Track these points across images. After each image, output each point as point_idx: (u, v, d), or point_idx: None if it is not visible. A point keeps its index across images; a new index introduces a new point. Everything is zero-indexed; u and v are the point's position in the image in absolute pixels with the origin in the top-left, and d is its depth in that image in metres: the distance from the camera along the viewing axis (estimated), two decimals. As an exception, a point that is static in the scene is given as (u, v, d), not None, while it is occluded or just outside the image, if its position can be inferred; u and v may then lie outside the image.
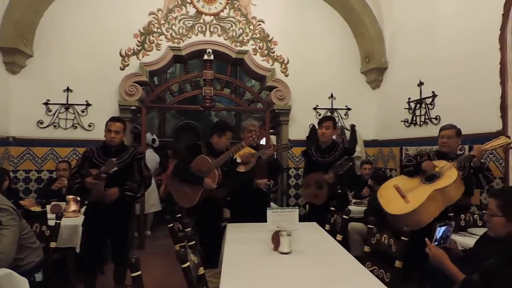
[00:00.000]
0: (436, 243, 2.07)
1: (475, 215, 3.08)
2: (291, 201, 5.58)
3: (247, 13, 5.57)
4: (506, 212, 1.85)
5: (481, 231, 2.48)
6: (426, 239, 2.05)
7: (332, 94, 5.68)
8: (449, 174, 2.80)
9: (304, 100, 5.56)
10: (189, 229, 2.64)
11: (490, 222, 1.93)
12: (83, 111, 5.12)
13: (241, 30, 5.56)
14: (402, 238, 2.22)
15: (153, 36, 5.34)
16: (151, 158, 5.85)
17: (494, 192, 2.10)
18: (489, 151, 3.10)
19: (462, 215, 2.99)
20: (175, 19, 5.40)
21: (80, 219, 3.28)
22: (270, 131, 6.13)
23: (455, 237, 2.65)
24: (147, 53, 5.32)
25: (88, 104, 5.13)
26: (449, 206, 2.86)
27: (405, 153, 4.84)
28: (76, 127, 5.11)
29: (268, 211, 2.39)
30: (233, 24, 5.55)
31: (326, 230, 3.02)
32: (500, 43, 3.42)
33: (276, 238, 2.31)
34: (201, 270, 2.11)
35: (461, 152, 3.54)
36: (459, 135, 3.19)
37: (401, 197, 2.91)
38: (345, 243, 3.46)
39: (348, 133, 5.61)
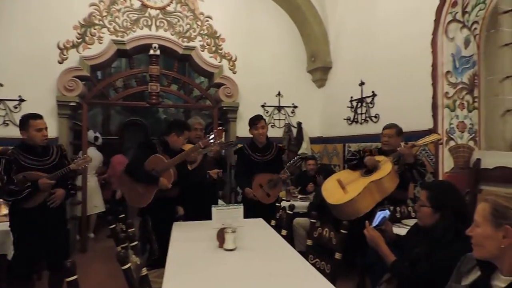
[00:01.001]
0: (374, 226, 2.18)
1: (409, 208, 3.29)
2: (240, 198, 5.60)
3: (195, 8, 5.50)
4: (433, 203, 1.99)
5: (414, 222, 2.66)
6: (367, 221, 2.16)
7: (279, 92, 5.78)
8: (385, 168, 2.99)
9: (252, 98, 5.60)
10: (133, 229, 2.58)
11: (420, 212, 2.07)
12: (15, 107, 4.77)
13: (188, 26, 5.47)
14: (342, 231, 2.32)
15: (94, 29, 5.09)
16: (94, 156, 5.57)
17: (425, 185, 2.27)
18: (421, 147, 3.32)
19: (398, 207, 3.18)
20: (118, 11, 5.19)
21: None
22: (219, 128, 6.10)
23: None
24: (88, 46, 5.06)
25: (21, 100, 4.78)
26: (386, 199, 3.04)
27: (348, 150, 5.06)
28: (7, 124, 4.74)
29: (213, 209, 2.38)
30: (180, 19, 5.44)
31: (271, 226, 3.08)
32: (432, 47, 3.67)
33: (221, 236, 2.32)
34: (144, 271, 2.06)
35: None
36: (399, 134, 3.38)
37: (341, 188, 3.07)
38: (290, 238, 3.56)
39: (295, 130, 5.74)
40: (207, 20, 5.54)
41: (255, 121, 3.75)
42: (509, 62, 3.77)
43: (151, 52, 5.21)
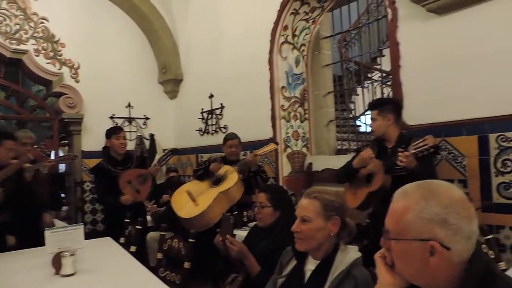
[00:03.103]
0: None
1: (255, 211, 3.55)
2: (88, 217, 5.15)
3: (26, 7, 4.87)
4: (274, 203, 2.21)
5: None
6: (228, 236, 2.16)
7: (129, 103, 5.56)
8: (231, 177, 3.16)
9: (99, 109, 5.24)
10: None
11: (260, 213, 2.27)
12: None
13: (18, 26, 4.81)
14: (190, 240, 2.36)
15: None
16: None
17: (263, 188, 2.49)
18: (262, 156, 3.61)
19: (244, 212, 3.40)
20: None
21: None
22: (62, 142, 5.51)
23: (238, 232, 2.99)
24: None
25: None
26: (233, 205, 3.22)
27: (200, 160, 5.19)
28: None
29: (46, 232, 2.14)
30: (7, 18, 4.74)
31: (120, 243, 2.92)
32: (269, 64, 4.08)
33: (57, 261, 2.09)
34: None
35: (244, 157, 4.05)
36: (240, 143, 3.63)
37: (191, 201, 3.11)
38: (143, 254, 3.44)
39: (148, 143, 5.60)
40: (42, 22, 4.97)
41: (117, 131, 3.54)
42: (330, 79, 4.49)
43: (-34, 53, 4.39)
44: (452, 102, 2.59)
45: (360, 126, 5.85)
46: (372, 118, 2.56)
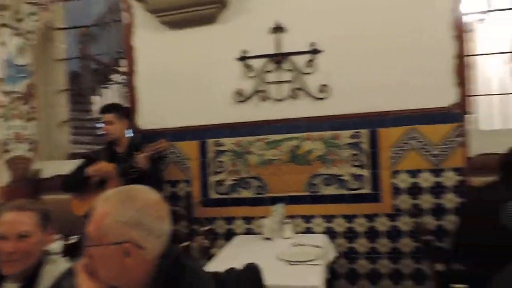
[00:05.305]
0: None
1: None
2: None
3: None
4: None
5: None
6: None
7: None
8: None
9: None
10: None
11: None
12: None
13: None
14: None
15: None
16: None
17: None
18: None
19: None
20: None
21: None
22: None
23: None
24: None
25: None
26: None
27: None
28: None
29: None
30: None
31: None
32: None
33: None
34: None
35: None
36: None
37: None
38: None
39: None
40: None
41: None
42: (63, 76, 4.10)
43: None
44: (180, 110, 2.87)
45: (99, 128, 5.62)
46: (107, 121, 2.58)
